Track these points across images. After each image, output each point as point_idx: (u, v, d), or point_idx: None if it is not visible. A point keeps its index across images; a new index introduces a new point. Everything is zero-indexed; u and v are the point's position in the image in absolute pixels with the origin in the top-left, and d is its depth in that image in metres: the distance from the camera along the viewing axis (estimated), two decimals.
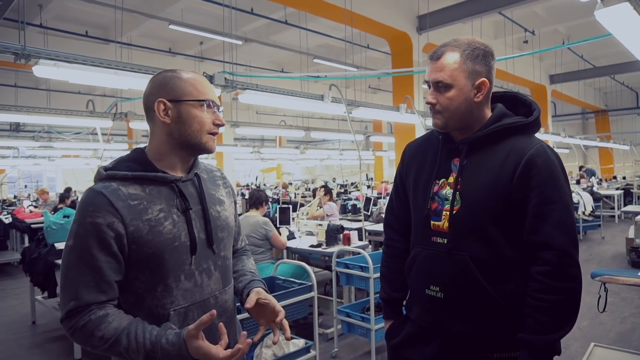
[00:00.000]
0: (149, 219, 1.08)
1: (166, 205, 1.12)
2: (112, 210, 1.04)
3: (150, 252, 1.07)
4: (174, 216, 1.12)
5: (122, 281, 1.09)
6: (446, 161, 1.34)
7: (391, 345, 1.47)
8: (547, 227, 1.18)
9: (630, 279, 2.19)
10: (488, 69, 1.27)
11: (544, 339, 1.16)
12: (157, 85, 1.15)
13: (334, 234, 4.18)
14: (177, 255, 1.10)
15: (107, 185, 1.08)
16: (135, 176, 1.10)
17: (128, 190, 1.08)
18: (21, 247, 7.60)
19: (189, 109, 1.13)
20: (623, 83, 16.92)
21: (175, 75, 1.15)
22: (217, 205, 1.24)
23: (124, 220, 1.05)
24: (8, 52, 2.67)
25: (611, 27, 2.46)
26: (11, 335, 4.19)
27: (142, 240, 1.06)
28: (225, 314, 1.21)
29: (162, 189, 1.13)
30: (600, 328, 4.04)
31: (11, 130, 13.45)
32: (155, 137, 1.17)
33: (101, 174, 1.11)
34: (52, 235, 4.09)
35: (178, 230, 1.11)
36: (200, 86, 1.15)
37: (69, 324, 1.03)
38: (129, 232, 1.05)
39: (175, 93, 1.13)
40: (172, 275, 1.10)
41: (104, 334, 1.01)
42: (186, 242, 1.12)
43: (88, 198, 1.06)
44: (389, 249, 1.54)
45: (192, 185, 1.19)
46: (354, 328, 3.39)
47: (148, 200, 1.10)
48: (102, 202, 1.04)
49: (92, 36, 9.55)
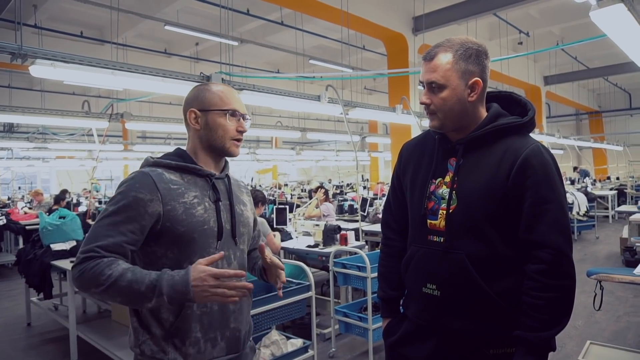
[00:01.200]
0: (184, 202, 1.23)
1: (200, 193, 1.27)
2: (154, 190, 1.19)
3: (183, 230, 1.21)
4: (206, 204, 1.27)
5: (150, 258, 1.22)
6: (443, 161, 1.35)
7: (388, 343, 1.48)
8: (543, 226, 1.20)
9: (626, 277, 2.21)
10: (482, 68, 1.28)
11: (539, 336, 1.17)
12: (192, 97, 1.34)
13: (331, 234, 4.19)
14: (205, 237, 1.24)
15: (153, 170, 1.24)
16: (177, 166, 1.27)
17: (170, 176, 1.25)
18: (15, 248, 7.55)
19: (215, 117, 1.31)
20: (616, 84, 17.06)
21: (206, 88, 1.34)
22: (242, 205, 1.40)
23: (163, 200, 1.20)
24: (5, 52, 2.66)
25: (606, 28, 2.49)
26: (6, 337, 4.16)
27: (176, 219, 1.20)
28: (239, 301, 1.26)
29: (198, 180, 1.29)
30: (596, 327, 4.07)
31: (5, 131, 13.38)
32: (190, 140, 1.36)
33: (149, 160, 1.29)
34: (48, 236, 4.06)
35: (208, 216, 1.26)
36: (226, 98, 1.32)
37: (80, 267, 1.11)
38: (165, 210, 1.19)
39: (204, 104, 1.31)
40: (198, 254, 1.21)
41: (113, 271, 1.09)
42: (214, 227, 1.26)
43: (137, 177, 1.21)
44: (387, 248, 1.55)
45: (222, 183, 1.36)
46: (351, 328, 3.40)
47: (185, 187, 1.26)
48: (148, 182, 1.20)
49: (87, 37, 9.53)
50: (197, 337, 1.21)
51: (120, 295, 1.10)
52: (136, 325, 1.24)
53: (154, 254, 1.21)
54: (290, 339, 2.82)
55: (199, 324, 1.22)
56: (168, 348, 1.20)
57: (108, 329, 3.56)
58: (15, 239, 7.70)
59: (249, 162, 16.66)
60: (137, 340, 1.23)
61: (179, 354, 1.20)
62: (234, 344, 1.29)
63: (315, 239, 4.35)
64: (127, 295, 1.10)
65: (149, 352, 1.21)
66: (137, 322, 1.24)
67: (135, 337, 1.24)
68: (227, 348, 1.27)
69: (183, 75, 3.55)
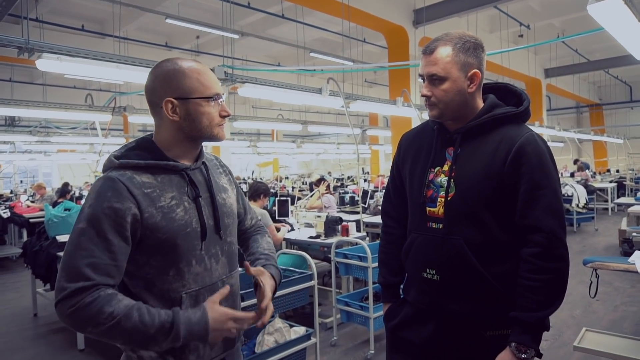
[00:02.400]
0: (162, 207, 1.11)
1: (177, 193, 1.15)
2: (129, 197, 1.06)
3: (164, 237, 1.10)
4: (185, 203, 1.15)
5: (131, 267, 1.11)
6: (441, 150, 1.40)
7: (389, 327, 1.53)
8: (537, 211, 1.25)
9: (620, 265, 2.27)
10: (479, 60, 1.33)
11: (534, 315, 1.23)
12: (161, 80, 1.15)
13: (332, 225, 4.24)
14: (188, 240, 1.14)
15: (122, 174, 1.10)
16: (147, 165, 1.12)
17: (141, 179, 1.11)
18: (19, 241, 7.62)
19: (197, 106, 1.15)
20: (617, 77, 17.05)
21: (178, 69, 1.14)
22: (222, 192, 1.28)
23: (140, 207, 1.07)
24: (12, 46, 2.70)
25: (604, 21, 2.52)
26: (13, 328, 4.24)
27: (156, 227, 1.09)
28: (231, 298, 1.25)
29: (173, 177, 1.16)
30: (593, 316, 4.14)
31: (6, 125, 13.42)
32: (163, 130, 1.18)
33: (113, 162, 1.12)
34: (54, 228, 4.13)
35: (189, 217, 1.14)
36: (205, 80, 1.16)
37: (71, 302, 0.98)
38: (144, 219, 1.08)
39: (182, 90, 1.13)
40: (184, 259, 1.13)
41: (114, 309, 0.99)
42: (197, 228, 1.15)
43: (105, 184, 1.07)
44: (387, 235, 1.60)
45: (200, 173, 1.23)
46: (352, 317, 3.46)
47: (160, 188, 1.12)
48: (121, 189, 1.06)
49: (89, 30, 9.53)
50: (196, 344, 1.16)
51: (123, 337, 1.01)
52: None
53: (136, 262, 1.11)
54: (293, 327, 2.88)
55: None
56: (168, 355, 1.13)
57: None
58: (19, 232, 7.78)
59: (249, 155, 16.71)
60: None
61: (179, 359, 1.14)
62: (230, 342, 1.26)
63: (317, 230, 4.41)
64: (132, 338, 1.01)
65: (148, 358, 1.13)
66: None
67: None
68: (224, 346, 1.24)
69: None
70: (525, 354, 1.23)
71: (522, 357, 1.23)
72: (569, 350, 3.24)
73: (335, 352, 3.47)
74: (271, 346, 2.65)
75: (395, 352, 1.51)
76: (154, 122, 1.20)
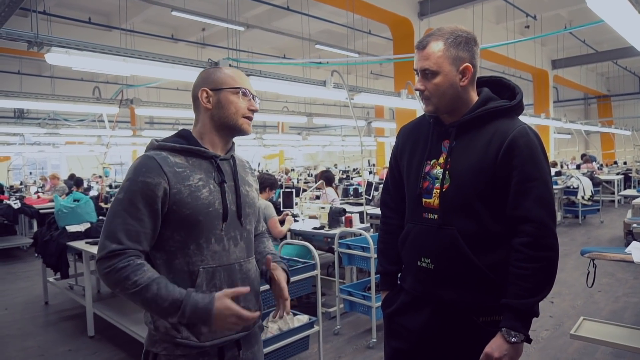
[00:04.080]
0: (189, 185, 1.24)
1: (205, 176, 1.28)
2: (161, 173, 1.21)
3: (188, 212, 1.23)
4: (211, 186, 1.28)
5: (157, 239, 1.24)
6: (437, 143, 1.44)
7: (387, 314, 1.60)
8: (528, 202, 1.30)
9: (617, 255, 2.31)
10: (471, 54, 1.37)
11: (524, 302, 1.28)
12: (201, 78, 1.35)
13: (336, 216, 4.30)
14: (210, 219, 1.26)
15: (158, 153, 1.25)
16: (182, 148, 1.28)
17: (175, 159, 1.26)
18: (30, 232, 7.77)
19: (227, 95, 1.32)
20: (626, 68, 16.86)
21: (217, 69, 1.36)
22: (246, 185, 1.41)
23: (170, 183, 1.21)
24: (22, 40, 2.77)
25: (604, 14, 2.53)
26: (26, 315, 4.36)
27: (182, 202, 1.22)
28: (247, 281, 1.33)
29: (203, 162, 1.30)
30: (594, 307, 4.18)
31: (15, 117, 13.57)
32: (199, 121, 1.36)
33: (153, 143, 1.29)
34: (63, 219, 4.22)
35: (213, 198, 1.27)
36: (237, 77, 1.35)
37: (107, 263, 1.15)
38: (172, 194, 1.21)
39: (216, 83, 1.33)
40: (204, 236, 1.25)
41: (138, 278, 1.14)
42: (219, 209, 1.28)
43: (142, 161, 1.23)
44: (385, 226, 1.65)
45: (228, 164, 1.36)
46: (355, 306, 3.53)
47: (190, 169, 1.26)
48: (154, 166, 1.21)
49: (96, 23, 9.59)
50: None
51: (142, 304, 1.16)
52: None
53: (162, 236, 1.23)
54: (297, 315, 2.95)
55: None
56: (181, 327, 1.21)
57: (123, 306, 3.73)
58: (29, 223, 7.92)
59: (255, 147, 16.76)
60: (151, 316, 1.26)
61: (192, 332, 1.22)
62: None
63: (321, 221, 4.47)
64: (149, 306, 1.16)
65: (163, 329, 1.23)
66: None
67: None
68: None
69: (192, 61, 3.65)
70: (515, 337, 1.28)
71: (512, 341, 1.28)
72: (569, 340, 3.29)
73: (338, 341, 3.54)
74: (275, 333, 2.73)
75: (392, 338, 1.58)
76: (194, 117, 1.39)
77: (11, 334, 3.90)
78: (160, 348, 1.24)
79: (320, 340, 3.05)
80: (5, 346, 3.65)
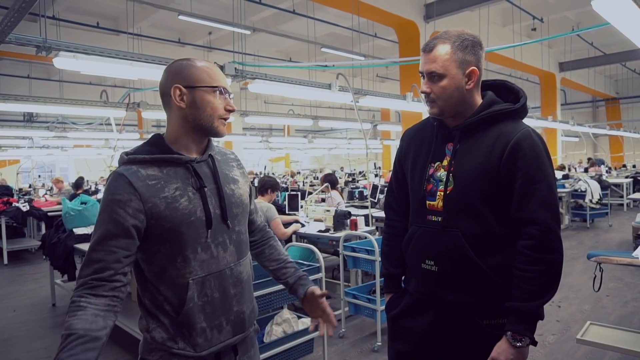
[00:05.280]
0: (165, 197, 1.17)
1: (182, 184, 1.21)
2: (131, 190, 1.14)
3: (168, 226, 1.16)
4: (190, 194, 1.21)
5: (146, 255, 1.19)
6: (441, 146, 1.44)
7: (391, 316, 1.59)
8: (532, 204, 1.29)
9: (624, 259, 2.29)
10: (477, 58, 1.37)
11: (529, 305, 1.27)
12: (173, 72, 1.23)
13: (341, 219, 4.29)
14: (193, 229, 1.19)
15: (128, 168, 1.18)
16: (153, 159, 1.20)
17: (147, 172, 1.18)
18: (38, 234, 7.83)
19: (203, 94, 1.22)
20: (634, 70, 16.73)
21: (190, 64, 1.23)
22: (232, 183, 1.32)
23: (142, 198, 1.14)
24: (30, 45, 2.81)
25: (609, 16, 2.52)
26: (33, 317, 4.39)
27: (160, 216, 1.16)
28: (239, 285, 1.30)
29: (178, 169, 1.22)
30: (602, 311, 4.14)
31: (25, 120, 13.72)
32: (171, 121, 1.26)
33: (123, 158, 1.21)
34: (71, 221, 4.26)
35: (193, 207, 1.20)
36: (213, 74, 1.24)
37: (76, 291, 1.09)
38: (147, 209, 1.15)
39: (190, 80, 1.21)
40: (189, 247, 1.19)
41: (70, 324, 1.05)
42: (202, 217, 1.21)
43: (111, 180, 1.17)
44: (390, 228, 1.65)
45: (206, 165, 1.28)
46: (360, 309, 3.52)
47: (165, 180, 1.19)
48: (123, 183, 1.15)
49: (104, 27, 9.69)
50: (203, 327, 1.21)
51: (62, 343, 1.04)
52: (145, 312, 1.24)
53: (149, 250, 1.19)
54: (301, 318, 2.95)
55: (202, 314, 1.21)
56: (177, 337, 1.19)
57: (128, 308, 3.73)
58: (37, 225, 7.99)
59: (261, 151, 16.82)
60: (147, 326, 1.22)
61: (188, 344, 1.20)
62: (239, 326, 1.29)
63: (326, 224, 4.47)
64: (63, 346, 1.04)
65: (160, 339, 1.20)
66: (145, 311, 1.23)
67: (146, 322, 1.23)
68: (233, 331, 1.28)
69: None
70: (520, 342, 1.27)
71: (517, 345, 1.27)
72: (576, 345, 3.26)
73: (342, 344, 3.53)
74: (279, 336, 2.73)
75: (396, 340, 1.57)
76: (166, 117, 1.28)
77: (19, 335, 3.93)
78: (156, 356, 1.21)
79: (324, 344, 3.04)
80: (13, 348, 3.68)
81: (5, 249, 6.69)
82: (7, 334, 3.95)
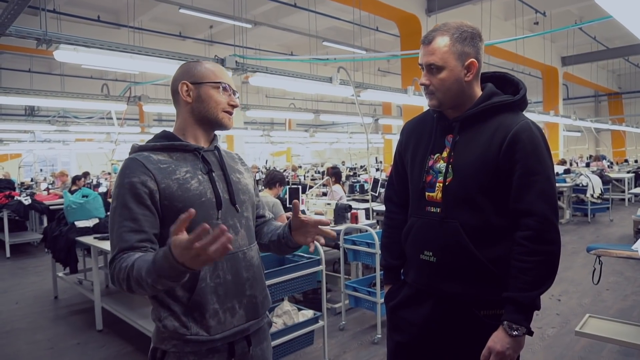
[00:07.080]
0: (177, 178, 1.23)
1: (191, 168, 1.28)
2: (145, 171, 1.20)
3: (181, 206, 1.20)
4: (199, 177, 1.27)
5: (160, 237, 1.22)
6: (440, 137, 1.45)
7: (390, 307, 1.60)
8: (530, 196, 1.30)
9: (623, 252, 2.29)
10: (476, 50, 1.37)
11: (525, 295, 1.28)
12: (182, 71, 1.33)
13: (342, 212, 4.31)
14: (204, 209, 1.24)
15: (139, 154, 1.26)
16: (163, 146, 1.28)
17: (157, 157, 1.25)
18: (40, 227, 7.87)
19: (207, 89, 1.30)
20: (637, 65, 16.62)
21: (197, 63, 1.34)
22: (237, 173, 1.39)
23: (156, 179, 1.20)
24: (31, 37, 2.81)
25: (612, 9, 2.49)
26: (36, 309, 4.42)
27: (173, 196, 1.21)
28: (252, 269, 1.32)
29: (187, 155, 1.29)
30: (602, 305, 4.15)
31: (26, 114, 13.73)
32: (179, 116, 1.34)
33: (134, 147, 1.31)
34: (72, 214, 4.27)
35: (204, 188, 1.26)
36: (218, 72, 1.33)
37: (113, 265, 1.14)
38: (161, 189, 1.20)
39: (196, 76, 1.31)
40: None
41: (127, 263, 1.10)
42: (212, 198, 1.26)
43: (125, 164, 1.23)
44: (389, 220, 1.66)
45: (213, 155, 1.35)
46: (360, 302, 3.54)
47: (175, 164, 1.26)
48: (137, 165, 1.21)
49: (104, 21, 9.67)
50: (216, 309, 1.22)
51: (138, 285, 1.08)
52: (156, 302, 1.25)
53: (162, 235, 1.21)
54: (302, 310, 2.97)
55: (215, 295, 1.22)
56: (189, 323, 1.21)
57: (131, 301, 3.77)
58: (39, 218, 8.02)
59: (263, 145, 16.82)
60: (159, 315, 1.24)
61: (201, 327, 1.21)
62: (252, 311, 1.31)
63: (326, 217, 4.48)
64: (140, 283, 1.07)
65: (172, 327, 1.21)
66: (156, 300, 1.25)
67: (157, 312, 1.24)
68: (246, 315, 1.29)
69: (199, 58, 3.67)
70: (517, 331, 1.28)
71: (514, 334, 1.28)
72: (575, 338, 3.28)
73: (343, 336, 3.55)
74: (280, 328, 2.74)
75: (394, 331, 1.58)
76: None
77: (22, 327, 3.96)
78: (169, 345, 1.22)
79: (325, 336, 3.07)
80: (15, 339, 3.71)
81: (7, 242, 6.72)
82: (9, 326, 3.98)
